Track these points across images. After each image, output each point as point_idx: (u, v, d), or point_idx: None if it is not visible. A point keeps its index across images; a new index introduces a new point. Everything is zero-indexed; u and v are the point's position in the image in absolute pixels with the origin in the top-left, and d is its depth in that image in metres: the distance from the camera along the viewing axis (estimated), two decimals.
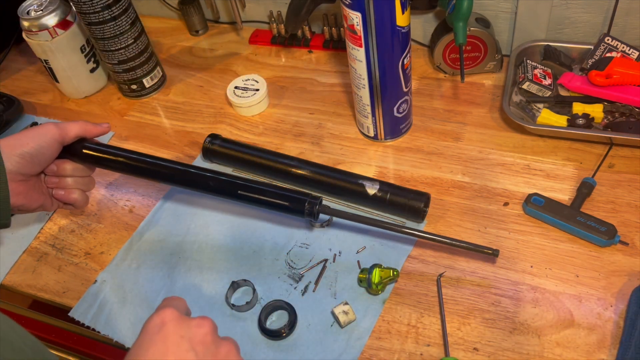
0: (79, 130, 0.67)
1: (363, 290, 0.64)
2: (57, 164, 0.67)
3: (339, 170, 0.73)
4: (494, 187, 0.71)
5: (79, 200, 0.69)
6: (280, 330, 0.61)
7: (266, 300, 0.64)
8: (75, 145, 0.67)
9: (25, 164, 0.62)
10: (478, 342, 0.58)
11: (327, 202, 0.72)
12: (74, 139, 0.67)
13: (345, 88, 0.89)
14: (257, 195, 0.64)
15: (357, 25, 0.65)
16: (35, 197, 0.65)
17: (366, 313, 0.62)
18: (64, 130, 0.65)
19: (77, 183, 0.69)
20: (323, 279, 0.66)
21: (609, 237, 0.62)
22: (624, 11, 0.78)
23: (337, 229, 0.70)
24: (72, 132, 0.66)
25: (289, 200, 0.63)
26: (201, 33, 1.06)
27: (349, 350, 0.59)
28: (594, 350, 0.56)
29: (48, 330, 0.75)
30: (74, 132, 0.66)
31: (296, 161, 0.74)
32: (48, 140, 0.63)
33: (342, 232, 0.69)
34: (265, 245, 0.70)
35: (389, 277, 0.62)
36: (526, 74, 0.78)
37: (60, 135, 0.65)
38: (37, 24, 0.86)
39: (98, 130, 0.69)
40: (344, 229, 0.70)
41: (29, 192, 0.64)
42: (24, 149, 0.62)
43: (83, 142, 0.68)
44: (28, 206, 0.65)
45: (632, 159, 0.72)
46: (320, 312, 0.63)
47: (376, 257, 0.67)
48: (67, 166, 0.68)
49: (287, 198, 0.64)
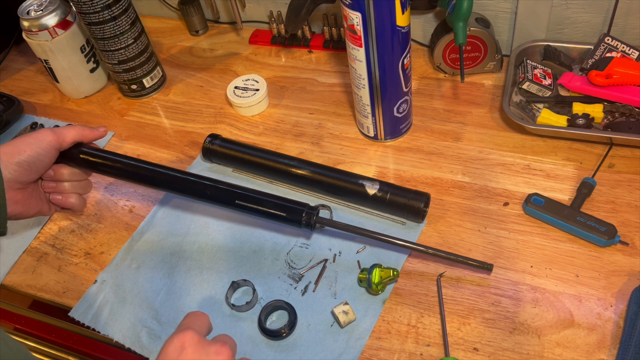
0: (76, 135, 0.66)
1: (363, 290, 0.64)
2: (54, 169, 0.67)
3: (339, 170, 0.73)
4: (494, 187, 0.71)
5: (77, 204, 0.69)
6: (280, 330, 0.61)
7: (266, 300, 0.64)
8: (72, 150, 0.67)
9: (23, 171, 0.61)
10: (478, 342, 0.58)
11: (328, 203, 0.73)
12: (71, 144, 0.66)
13: (345, 88, 0.89)
14: (255, 205, 0.64)
15: (357, 25, 0.65)
16: (33, 204, 0.65)
17: (366, 313, 0.62)
18: (61, 136, 0.64)
19: (74, 187, 0.69)
20: (323, 279, 0.66)
21: (609, 237, 0.62)
22: (624, 11, 0.78)
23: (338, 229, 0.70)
24: (68, 137, 0.65)
25: (286, 211, 0.64)
26: (201, 33, 1.06)
27: (349, 350, 0.59)
28: (594, 350, 0.56)
29: (48, 330, 0.75)
30: (70, 137, 0.65)
31: (296, 161, 0.74)
32: (45, 147, 0.63)
33: (342, 232, 0.69)
34: (265, 245, 0.70)
35: (389, 277, 0.62)
36: (526, 74, 0.78)
37: (57, 142, 0.64)
38: (37, 24, 0.86)
39: (95, 134, 0.68)
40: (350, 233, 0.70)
41: (26, 200, 0.64)
42: (21, 156, 0.61)
43: (80, 146, 0.68)
44: (26, 213, 0.65)
45: (632, 159, 0.72)
46: (320, 312, 0.63)
47: (376, 257, 0.67)
48: (64, 171, 0.67)
49: (285, 208, 0.64)
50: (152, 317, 0.65)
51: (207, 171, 0.80)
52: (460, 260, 0.62)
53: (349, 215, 0.71)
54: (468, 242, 0.66)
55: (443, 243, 0.67)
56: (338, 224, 0.64)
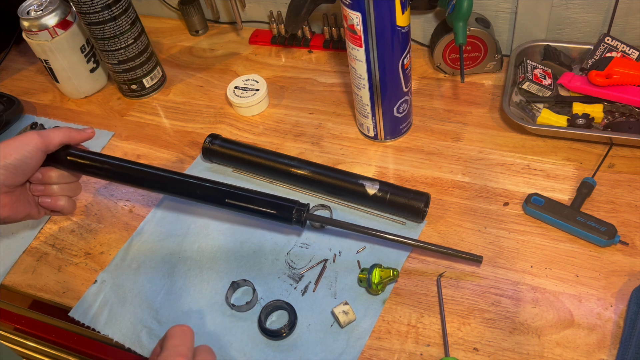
0: (63, 137, 0.65)
1: (363, 290, 0.64)
2: (42, 172, 0.66)
3: (338, 170, 0.73)
4: (494, 187, 0.71)
5: (66, 207, 0.68)
6: (280, 330, 0.61)
7: (266, 300, 0.64)
8: (60, 153, 0.66)
9: (9, 175, 0.61)
10: (478, 342, 0.58)
11: (328, 203, 0.72)
12: (58, 146, 0.66)
13: (345, 88, 0.89)
14: (245, 203, 0.64)
15: (357, 25, 0.65)
16: (21, 207, 0.65)
17: (366, 313, 0.62)
18: (47, 139, 0.64)
19: (64, 190, 0.68)
20: (323, 279, 0.66)
21: (609, 237, 0.62)
22: (624, 11, 0.78)
23: (337, 229, 0.70)
24: (55, 139, 0.65)
25: (276, 208, 0.64)
26: (201, 33, 1.06)
27: (349, 350, 0.59)
28: (594, 350, 0.56)
29: (48, 330, 0.75)
30: (57, 139, 0.65)
31: (296, 161, 0.74)
32: (31, 150, 0.62)
33: (342, 232, 0.69)
34: (265, 245, 0.70)
35: (389, 277, 0.62)
36: (526, 74, 0.78)
37: (44, 144, 0.63)
38: (37, 24, 0.86)
39: (82, 136, 0.68)
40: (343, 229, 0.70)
41: (14, 204, 0.64)
42: (7, 160, 0.61)
43: (67, 149, 0.67)
44: (14, 217, 0.64)
45: (632, 159, 0.72)
46: (320, 312, 0.63)
47: (376, 256, 0.66)
48: (52, 174, 0.67)
49: (275, 206, 0.64)
50: (152, 317, 0.65)
51: (207, 171, 0.80)
52: (450, 253, 0.62)
53: (349, 215, 0.71)
54: (468, 242, 0.66)
55: (443, 243, 0.66)
56: (331, 220, 0.64)
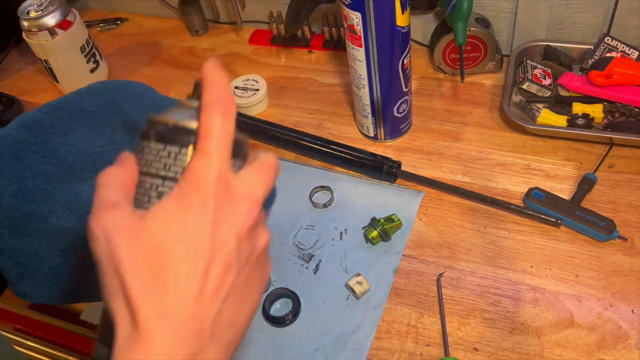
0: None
1: (373, 263, 0.65)
2: None
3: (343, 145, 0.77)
4: (494, 187, 0.71)
5: None
6: (284, 317, 0.61)
7: (280, 283, 0.65)
8: None
9: None
10: (478, 342, 0.58)
11: (328, 184, 0.73)
12: None
13: (345, 88, 0.89)
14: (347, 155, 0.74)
15: (357, 25, 0.65)
16: None
17: (379, 284, 0.64)
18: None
19: None
20: (333, 256, 0.67)
21: (608, 232, 0.62)
22: (624, 11, 0.78)
23: (341, 208, 0.71)
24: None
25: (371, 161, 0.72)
26: (201, 33, 1.06)
27: (368, 320, 0.61)
28: (594, 350, 0.56)
29: (48, 330, 0.75)
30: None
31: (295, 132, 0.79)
32: None
33: (347, 211, 0.71)
34: (272, 230, 0.70)
35: (393, 222, 0.65)
36: (526, 74, 0.78)
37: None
38: (37, 24, 0.86)
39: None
40: (346, 208, 0.71)
41: None
42: None
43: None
44: None
45: (632, 159, 0.72)
46: (335, 287, 0.64)
47: None
48: None
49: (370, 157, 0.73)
50: None
51: None
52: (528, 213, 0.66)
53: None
54: (468, 242, 0.66)
55: (443, 243, 0.67)
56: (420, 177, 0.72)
